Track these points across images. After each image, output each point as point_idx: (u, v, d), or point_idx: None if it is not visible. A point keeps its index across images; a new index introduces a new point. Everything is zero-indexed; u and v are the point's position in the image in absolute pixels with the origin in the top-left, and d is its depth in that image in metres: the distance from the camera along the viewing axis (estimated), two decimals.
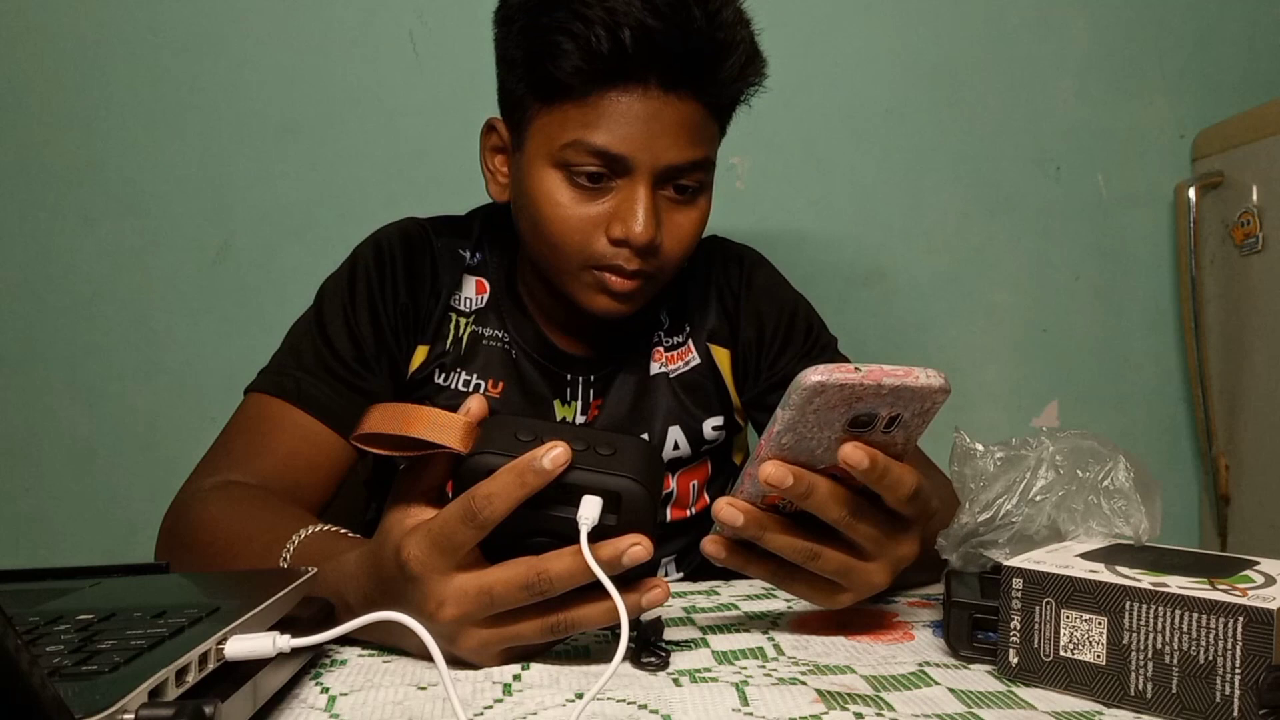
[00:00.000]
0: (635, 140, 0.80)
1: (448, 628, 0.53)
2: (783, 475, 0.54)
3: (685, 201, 0.85)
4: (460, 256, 0.95)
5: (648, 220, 0.81)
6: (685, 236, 0.86)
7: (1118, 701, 0.50)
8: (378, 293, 0.90)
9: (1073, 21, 1.52)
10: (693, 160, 0.83)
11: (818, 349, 0.99)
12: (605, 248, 0.83)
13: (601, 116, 0.80)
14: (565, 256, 0.84)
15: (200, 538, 0.74)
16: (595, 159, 0.80)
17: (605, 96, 0.79)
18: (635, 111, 0.79)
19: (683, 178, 0.83)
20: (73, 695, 0.35)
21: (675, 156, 0.81)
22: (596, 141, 0.80)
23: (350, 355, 0.88)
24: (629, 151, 0.80)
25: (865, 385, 0.52)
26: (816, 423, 0.54)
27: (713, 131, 0.86)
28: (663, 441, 0.95)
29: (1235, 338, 1.44)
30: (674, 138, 0.81)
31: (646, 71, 0.79)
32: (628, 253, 0.82)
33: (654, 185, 0.82)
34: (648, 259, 0.83)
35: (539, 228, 0.84)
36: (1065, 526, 0.60)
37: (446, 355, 0.92)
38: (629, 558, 0.52)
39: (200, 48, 1.41)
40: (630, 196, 0.81)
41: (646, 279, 0.85)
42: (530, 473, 0.51)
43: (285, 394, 0.85)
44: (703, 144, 0.84)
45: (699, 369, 0.97)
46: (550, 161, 0.82)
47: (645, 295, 0.87)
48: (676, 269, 0.88)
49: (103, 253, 1.41)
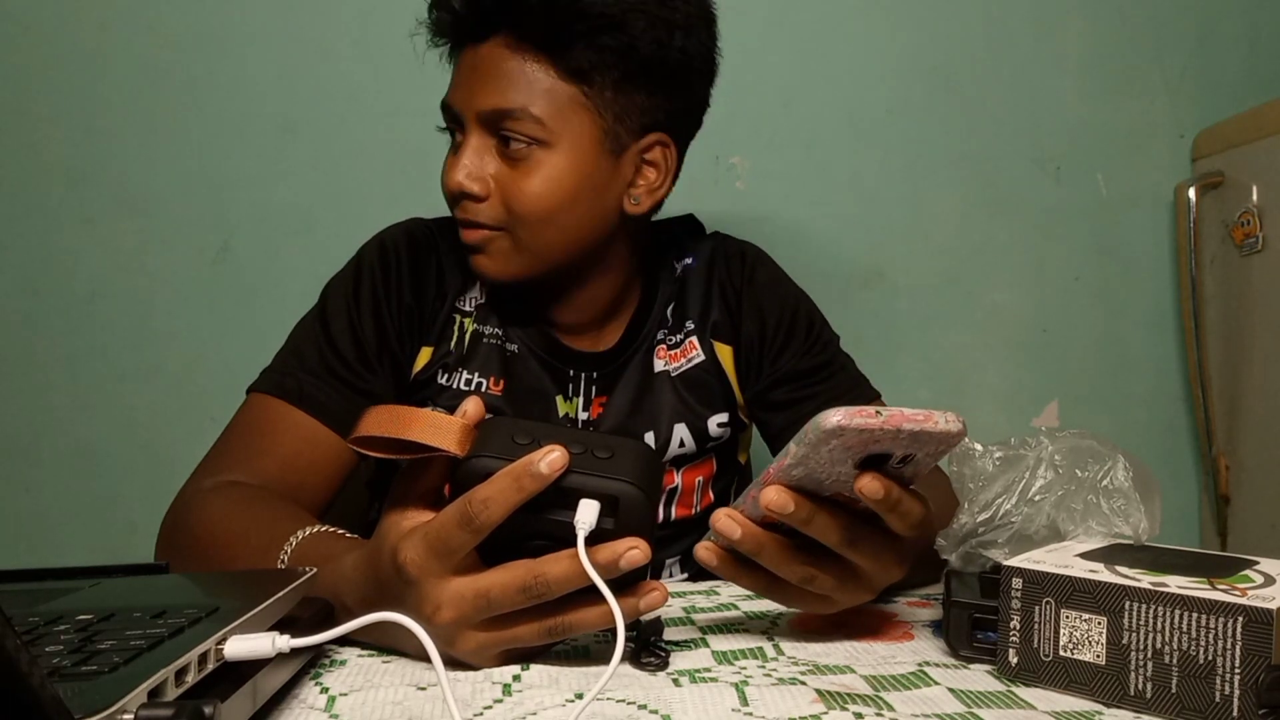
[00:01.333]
0: (460, 90, 0.87)
1: (445, 630, 0.53)
2: (784, 502, 0.54)
3: (518, 158, 0.85)
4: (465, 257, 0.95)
5: (451, 166, 0.86)
6: (522, 194, 0.85)
7: (1117, 701, 0.50)
8: (382, 293, 0.90)
9: (1073, 21, 1.52)
10: (501, 107, 0.83)
11: (819, 346, 0.99)
12: (452, 204, 0.89)
13: (455, 74, 0.88)
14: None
15: (199, 538, 0.74)
16: (446, 115, 0.89)
17: (459, 54, 0.88)
18: (464, 64, 0.87)
19: (503, 126, 0.84)
20: (72, 695, 0.35)
21: (483, 102, 0.84)
22: (446, 98, 0.88)
23: (353, 356, 0.88)
24: (454, 101, 0.87)
25: (884, 430, 0.52)
26: (829, 460, 0.53)
27: (545, 82, 0.83)
28: (669, 439, 0.95)
29: (1235, 338, 1.44)
30: (484, 83, 0.84)
31: (479, 29, 0.85)
32: (457, 203, 0.88)
33: (481, 136, 0.86)
34: (476, 209, 0.86)
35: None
36: (1065, 526, 0.60)
37: (450, 355, 0.92)
38: (626, 561, 0.52)
39: (200, 48, 1.41)
40: (455, 150, 0.88)
41: (493, 233, 0.87)
42: (527, 477, 0.51)
43: (287, 395, 0.85)
44: (521, 91, 0.83)
45: (703, 365, 0.97)
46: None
47: (504, 255, 0.88)
48: (537, 232, 0.86)
49: (103, 253, 1.41)
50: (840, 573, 0.59)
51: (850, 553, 0.58)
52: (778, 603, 0.61)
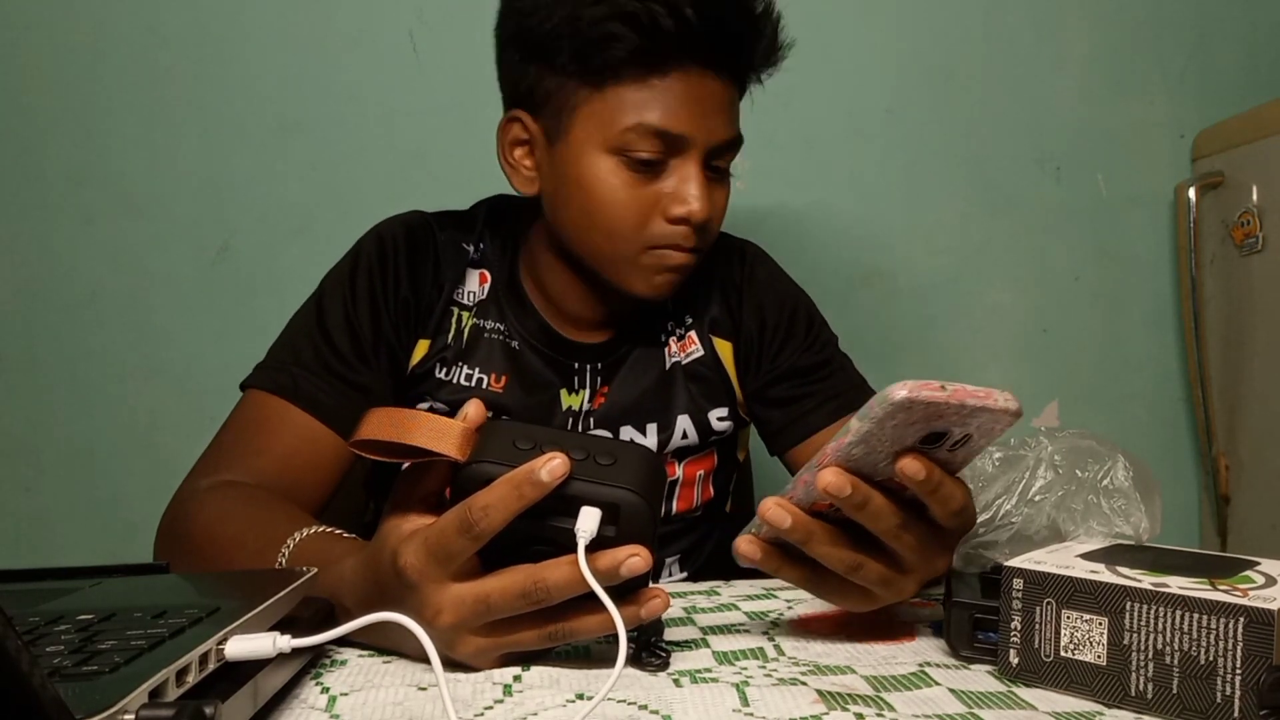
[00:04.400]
0: (692, 120, 0.83)
1: (445, 634, 0.53)
2: (841, 484, 0.54)
3: (720, 180, 0.89)
4: (464, 250, 0.95)
5: (704, 197, 0.84)
6: (721, 213, 0.90)
7: (1118, 702, 0.50)
8: (379, 286, 0.90)
9: (1073, 21, 1.52)
10: (732, 139, 0.87)
11: (818, 344, 0.99)
12: (663, 228, 0.85)
13: (658, 97, 0.82)
14: (622, 241, 0.85)
15: (197, 538, 0.74)
16: (656, 140, 0.83)
17: (665, 78, 0.82)
18: (691, 92, 0.83)
19: (723, 156, 0.87)
20: (73, 695, 0.35)
21: (723, 134, 0.85)
22: (658, 122, 0.82)
23: (349, 350, 0.87)
24: (687, 130, 0.83)
25: (950, 404, 0.51)
26: (891, 437, 0.53)
27: (738, 112, 0.90)
28: (672, 430, 0.95)
29: (1235, 338, 1.44)
30: (720, 117, 0.85)
31: (699, 53, 0.83)
32: (686, 231, 0.85)
33: (701, 163, 0.85)
34: (703, 235, 0.86)
35: (593, 216, 0.85)
36: (1065, 526, 0.60)
37: (448, 349, 0.92)
38: (626, 569, 0.51)
39: (200, 48, 1.41)
40: (685, 176, 0.84)
41: (698, 254, 0.88)
42: (528, 485, 0.51)
43: (283, 391, 0.84)
44: (737, 122, 0.88)
45: (703, 360, 0.98)
46: (604, 147, 0.84)
47: (694, 268, 0.90)
48: (709, 247, 0.91)
49: (103, 253, 1.41)
50: (886, 563, 0.58)
51: (898, 542, 0.57)
52: (817, 596, 0.61)
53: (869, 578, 0.58)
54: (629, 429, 0.94)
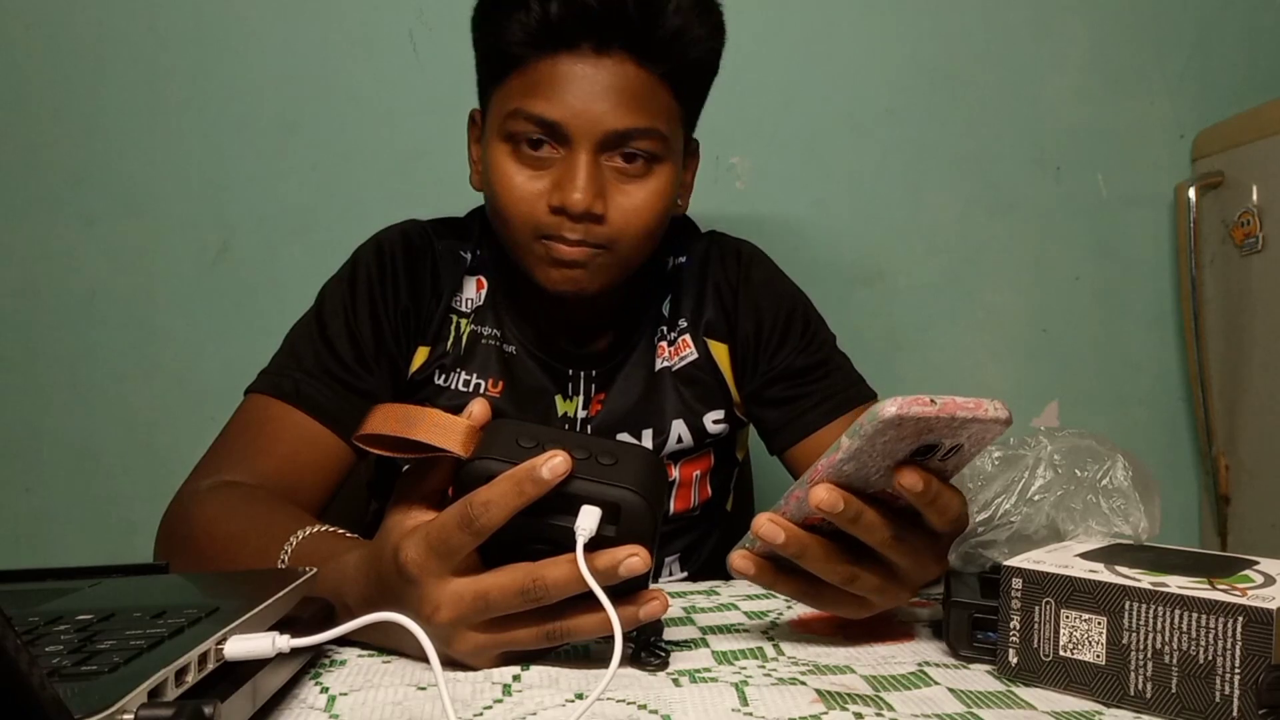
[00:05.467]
0: (571, 105, 0.81)
1: (443, 630, 0.53)
2: (834, 500, 0.54)
3: (635, 174, 0.84)
4: (461, 258, 0.95)
5: (585, 187, 0.81)
6: (636, 210, 0.84)
7: (1117, 701, 0.50)
8: (379, 294, 0.90)
9: (1073, 21, 1.52)
10: (635, 127, 0.82)
11: (815, 344, 0.99)
12: (547, 217, 0.83)
13: (539, 83, 0.81)
14: (515, 228, 0.85)
15: (198, 538, 0.74)
16: (534, 126, 0.82)
17: (542, 63, 0.81)
18: (572, 76, 0.81)
19: (627, 145, 0.83)
20: (72, 695, 0.35)
21: (614, 122, 0.81)
22: (534, 109, 0.81)
23: (350, 356, 0.88)
24: (563, 117, 0.81)
25: (940, 418, 0.51)
26: (883, 452, 0.53)
27: (664, 101, 0.85)
28: (667, 435, 0.95)
29: (1235, 338, 1.44)
30: (612, 102, 0.81)
31: (577, 35, 0.80)
32: (569, 222, 0.83)
33: (596, 153, 0.82)
34: (591, 227, 0.83)
35: (494, 203, 0.87)
36: (1064, 526, 0.60)
37: (447, 356, 0.92)
38: (625, 569, 0.51)
39: (200, 48, 1.41)
40: (570, 165, 0.82)
41: (596, 250, 0.84)
42: (529, 482, 0.51)
43: (284, 395, 0.85)
44: (648, 111, 0.83)
45: (696, 363, 0.97)
46: (499, 135, 0.85)
47: (603, 270, 0.86)
48: (637, 246, 0.87)
49: (103, 253, 1.41)
50: (881, 573, 0.58)
51: (893, 553, 0.57)
52: (814, 607, 0.61)
53: (865, 588, 0.58)
54: (625, 436, 0.94)
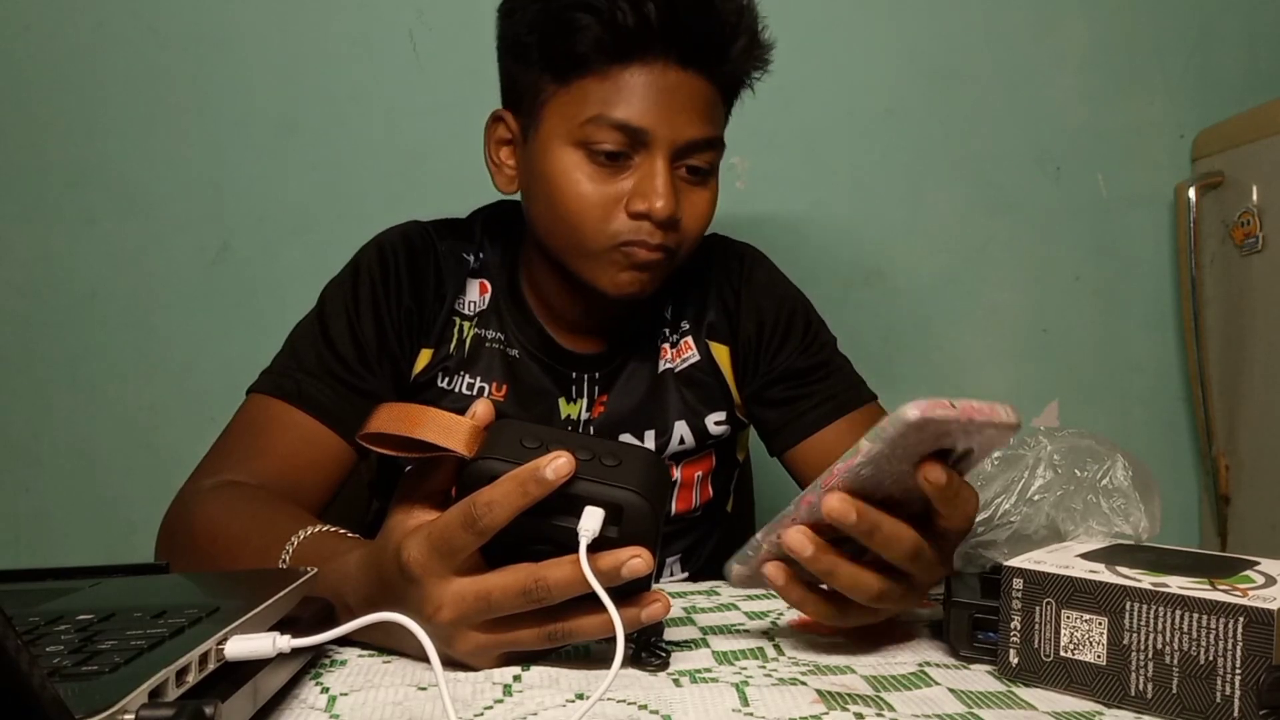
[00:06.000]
0: (655, 114, 0.82)
1: (445, 630, 0.53)
2: (846, 510, 0.53)
3: (698, 182, 0.87)
4: (464, 260, 0.95)
5: (668, 193, 0.82)
6: (701, 215, 0.88)
7: (1118, 702, 0.50)
8: (381, 296, 0.90)
9: (1073, 21, 1.52)
10: (706, 137, 0.85)
11: (816, 345, 0.99)
12: (626, 224, 0.84)
13: (622, 91, 0.82)
14: (586, 236, 0.84)
15: (199, 538, 0.74)
16: (616, 133, 0.82)
17: (626, 71, 0.82)
18: (655, 86, 0.82)
19: (696, 156, 0.85)
20: (73, 695, 0.35)
21: (692, 132, 0.84)
22: (618, 115, 0.81)
23: (352, 357, 0.88)
24: (650, 125, 0.82)
25: (959, 421, 0.51)
26: (902, 456, 0.53)
27: (721, 114, 0.89)
28: (669, 436, 0.95)
29: (1235, 338, 1.44)
30: (690, 114, 0.83)
31: (666, 47, 0.82)
32: (649, 227, 0.83)
33: (671, 161, 0.84)
34: (669, 234, 0.84)
35: (557, 209, 0.85)
36: (1064, 526, 0.60)
37: (450, 359, 0.92)
38: (628, 570, 0.51)
39: (200, 48, 1.41)
40: (650, 172, 0.83)
41: (667, 254, 0.86)
42: (532, 482, 0.51)
43: (286, 395, 0.85)
44: (714, 123, 0.87)
45: (699, 365, 0.97)
46: (569, 140, 0.84)
47: (664, 273, 0.88)
48: (693, 249, 0.89)
49: (103, 253, 1.41)
50: (902, 583, 0.57)
51: (912, 565, 0.56)
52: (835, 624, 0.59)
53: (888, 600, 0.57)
54: (627, 437, 0.94)
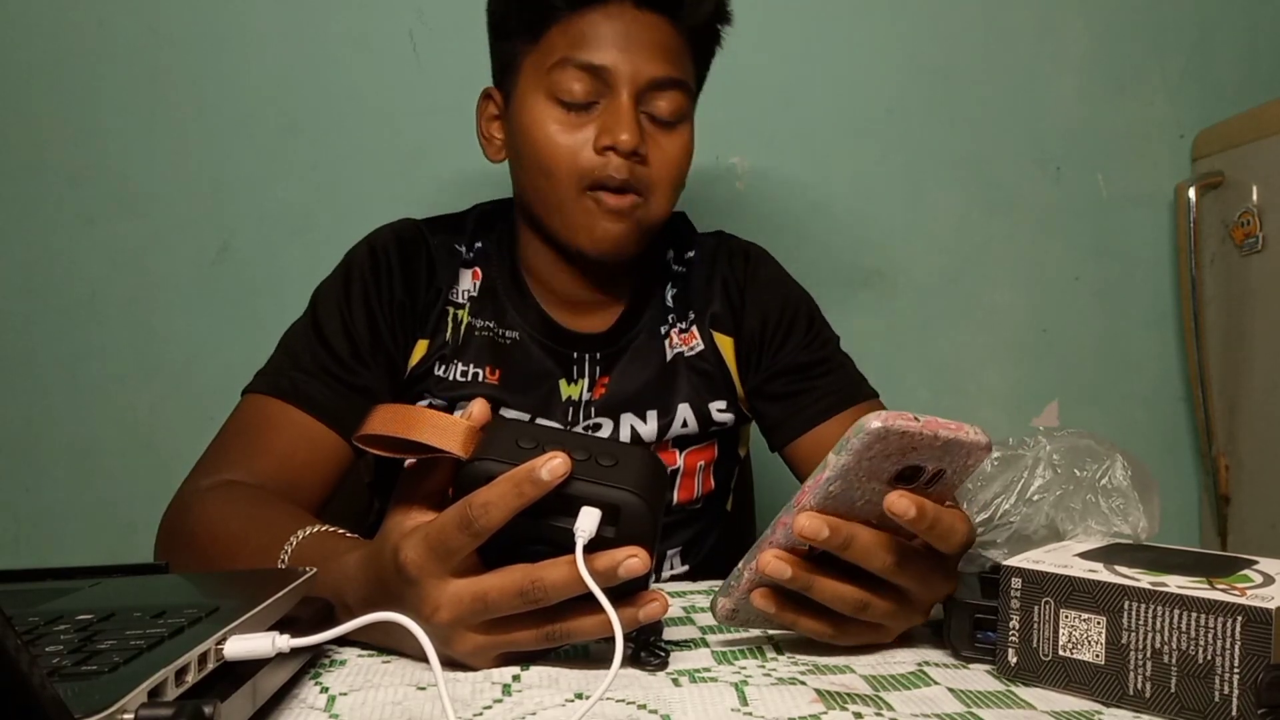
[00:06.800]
0: (616, 53, 0.87)
1: (443, 630, 0.53)
2: (818, 527, 0.53)
3: (667, 126, 0.90)
4: (456, 251, 0.97)
5: (631, 126, 0.86)
6: (671, 161, 0.90)
7: (1116, 701, 0.50)
8: (373, 292, 0.91)
9: (1073, 21, 1.52)
10: (669, 76, 0.88)
11: (819, 342, 1.00)
12: (594, 159, 0.87)
13: (584, 34, 0.87)
14: (559, 180, 0.88)
15: (199, 537, 0.74)
16: (580, 74, 0.86)
17: (587, 16, 0.87)
18: (615, 28, 0.87)
19: (661, 97, 0.89)
20: (72, 695, 0.35)
21: (653, 70, 0.87)
22: (581, 56, 0.86)
23: (347, 354, 0.88)
24: (610, 62, 0.86)
25: (923, 435, 0.51)
26: (869, 472, 0.52)
27: (688, 61, 0.92)
28: (672, 418, 0.96)
29: (1235, 338, 1.44)
30: (650, 52, 0.88)
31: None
32: (618, 161, 0.86)
33: (636, 100, 0.87)
34: (635, 170, 0.87)
35: (534, 158, 0.88)
36: (1063, 526, 0.60)
37: (446, 347, 0.93)
38: (625, 570, 0.51)
39: (200, 48, 1.41)
40: (614, 109, 0.87)
41: (638, 200, 0.88)
42: (528, 483, 0.51)
43: (282, 394, 0.85)
44: (677, 66, 0.90)
45: (703, 354, 0.99)
46: (539, 91, 0.88)
47: (640, 226, 0.90)
48: (668, 197, 0.91)
49: (103, 253, 1.41)
50: (893, 597, 0.57)
51: (899, 578, 0.56)
52: (836, 642, 0.59)
53: (878, 614, 0.57)
54: (629, 416, 0.95)
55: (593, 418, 0.94)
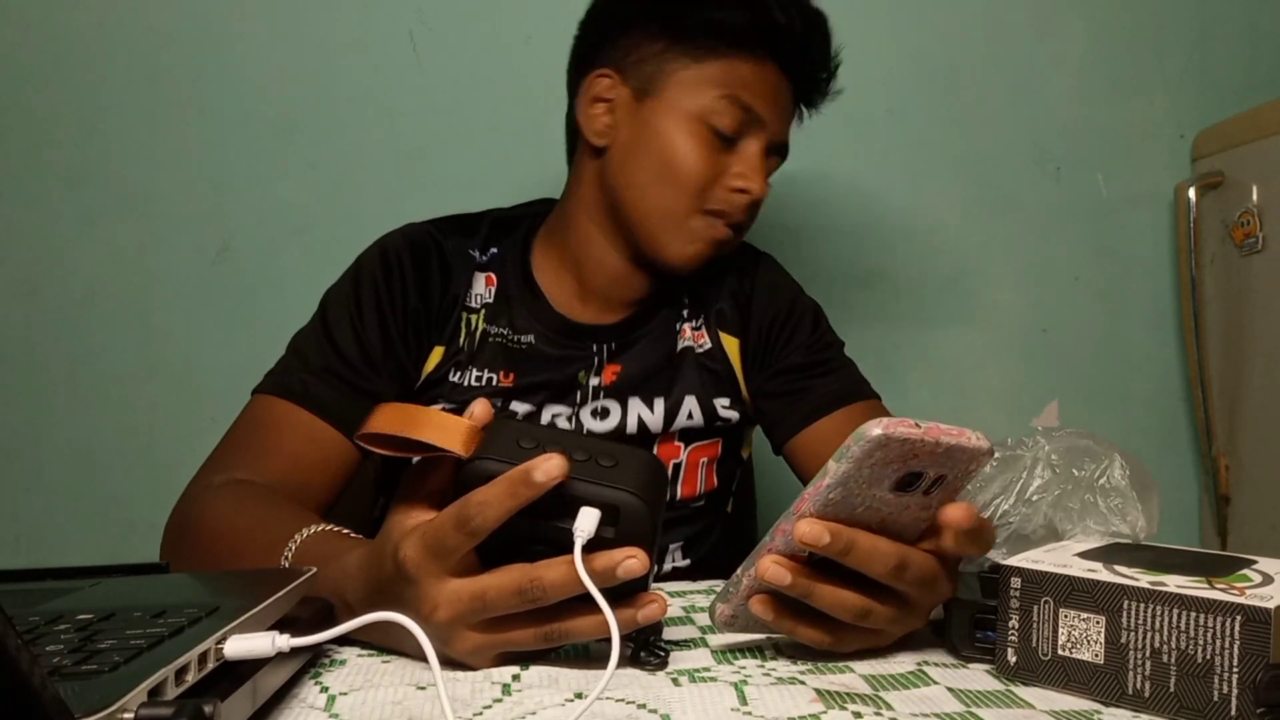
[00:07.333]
0: (771, 108, 0.93)
1: (441, 629, 0.53)
2: (818, 533, 0.52)
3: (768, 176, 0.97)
4: (470, 256, 0.97)
5: (764, 179, 0.93)
6: (761, 205, 0.96)
7: (1115, 700, 0.50)
8: (385, 299, 0.91)
9: (1073, 21, 1.52)
10: (787, 144, 0.98)
11: (822, 344, 1.02)
12: (722, 194, 0.92)
13: (750, 78, 0.92)
14: (686, 194, 0.91)
15: (205, 534, 0.75)
16: (739, 113, 0.91)
17: (755, 65, 0.92)
18: (771, 83, 0.93)
19: (776, 157, 0.97)
20: (72, 694, 0.35)
21: (785, 133, 0.97)
22: (747, 99, 0.91)
23: (357, 359, 0.89)
24: (766, 114, 0.92)
25: (924, 442, 0.51)
26: (869, 479, 0.52)
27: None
28: (678, 408, 0.97)
29: (1235, 338, 1.44)
30: (786, 119, 0.97)
31: (791, 54, 0.94)
32: (742, 203, 0.92)
33: (765, 156, 0.94)
34: (749, 215, 0.94)
35: (666, 164, 0.91)
36: (1062, 525, 0.60)
37: (461, 353, 0.94)
38: (623, 570, 0.51)
39: (200, 48, 1.41)
40: (754, 155, 0.93)
41: (737, 236, 0.95)
42: (522, 484, 0.51)
43: (291, 395, 0.86)
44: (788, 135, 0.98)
45: (711, 353, 1.00)
46: (692, 111, 0.91)
47: (719, 256, 0.96)
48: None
49: (103, 253, 1.41)
50: (894, 602, 0.56)
51: (899, 582, 0.55)
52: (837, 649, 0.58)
53: (879, 620, 0.57)
54: (636, 401, 0.96)
55: (600, 400, 0.95)
